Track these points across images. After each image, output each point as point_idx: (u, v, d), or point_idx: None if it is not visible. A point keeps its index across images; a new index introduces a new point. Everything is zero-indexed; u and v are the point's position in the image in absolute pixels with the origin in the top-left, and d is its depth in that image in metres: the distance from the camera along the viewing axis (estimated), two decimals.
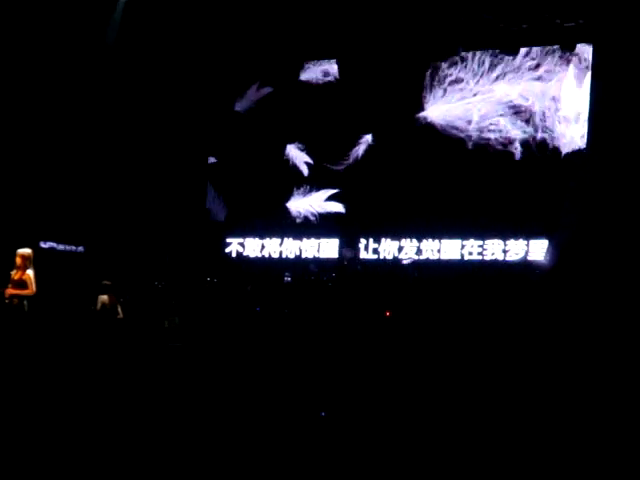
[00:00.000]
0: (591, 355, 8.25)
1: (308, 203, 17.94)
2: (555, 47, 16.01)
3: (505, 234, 15.90)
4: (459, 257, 16.30)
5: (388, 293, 14.67)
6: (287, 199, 18.03)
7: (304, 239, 17.52)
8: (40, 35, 14.71)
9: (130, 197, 16.80)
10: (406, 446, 5.25)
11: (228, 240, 18.08)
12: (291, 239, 17.57)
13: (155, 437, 5.27)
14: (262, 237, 17.87)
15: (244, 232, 18.05)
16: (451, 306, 13.43)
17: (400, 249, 16.79)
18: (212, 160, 18.59)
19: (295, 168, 18.12)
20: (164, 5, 15.71)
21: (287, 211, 18.02)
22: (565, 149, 15.76)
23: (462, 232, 16.29)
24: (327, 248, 17.39)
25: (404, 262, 16.52)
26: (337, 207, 17.71)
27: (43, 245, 15.80)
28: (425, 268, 16.37)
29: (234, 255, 17.98)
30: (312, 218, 17.80)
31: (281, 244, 17.67)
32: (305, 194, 17.94)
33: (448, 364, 8.81)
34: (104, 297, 11.46)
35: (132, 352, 9.63)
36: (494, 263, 15.91)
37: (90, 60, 15.65)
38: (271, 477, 4.72)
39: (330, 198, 17.70)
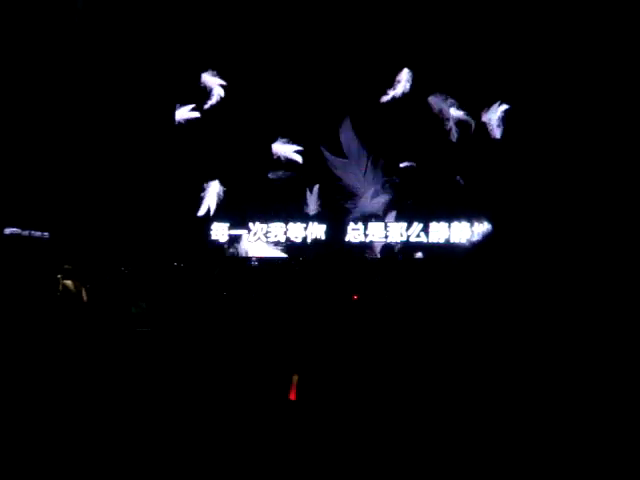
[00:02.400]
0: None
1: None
2: None
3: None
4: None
5: (356, 277, 14.74)
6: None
7: (271, 223, 17.52)
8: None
9: (97, 183, 16.63)
10: (383, 432, 5.31)
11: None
12: (258, 223, 17.55)
13: (124, 420, 5.27)
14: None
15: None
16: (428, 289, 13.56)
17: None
18: None
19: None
20: None
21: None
22: None
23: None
24: (295, 231, 17.40)
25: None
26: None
27: (7, 231, 15.62)
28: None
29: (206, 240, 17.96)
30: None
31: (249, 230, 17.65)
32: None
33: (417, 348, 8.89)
34: (68, 282, 11.34)
35: (99, 337, 9.58)
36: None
37: (60, 33, 15.32)
38: (237, 458, 4.75)
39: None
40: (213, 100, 18.26)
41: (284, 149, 17.70)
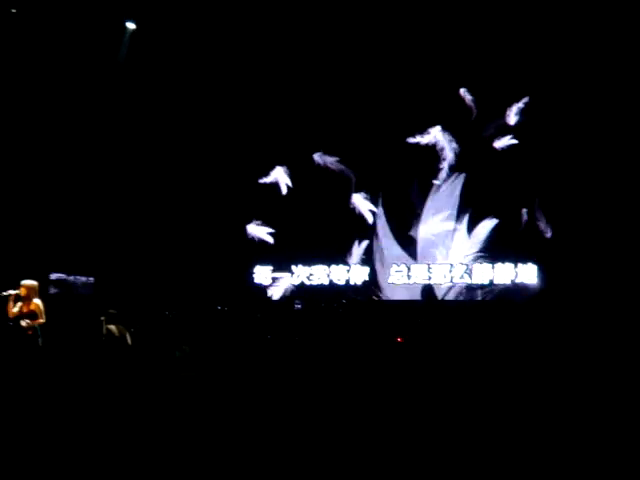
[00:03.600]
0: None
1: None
2: None
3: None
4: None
5: (400, 319, 14.61)
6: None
7: (313, 266, 17.39)
8: (55, 52, 14.74)
9: (141, 228, 16.74)
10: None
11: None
12: (300, 265, 17.44)
13: (171, 464, 5.22)
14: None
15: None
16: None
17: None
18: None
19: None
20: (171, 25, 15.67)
21: None
22: None
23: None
24: (337, 273, 17.29)
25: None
26: None
27: (53, 277, 15.82)
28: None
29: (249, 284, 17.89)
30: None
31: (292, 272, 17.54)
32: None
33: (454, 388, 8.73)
34: (112, 327, 11.41)
35: (144, 381, 9.60)
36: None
37: (102, 84, 15.58)
38: None
39: None
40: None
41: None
